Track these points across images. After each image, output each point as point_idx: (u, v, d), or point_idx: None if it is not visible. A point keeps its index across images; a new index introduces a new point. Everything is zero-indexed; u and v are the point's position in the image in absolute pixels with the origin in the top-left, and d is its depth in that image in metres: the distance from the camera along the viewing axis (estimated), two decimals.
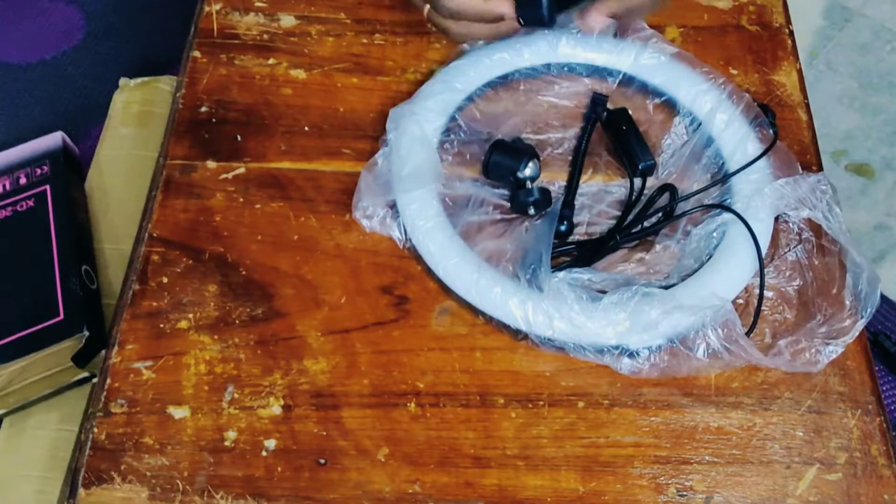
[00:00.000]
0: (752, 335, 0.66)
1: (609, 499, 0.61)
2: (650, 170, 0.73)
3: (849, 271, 0.68)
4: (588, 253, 0.70)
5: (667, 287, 0.67)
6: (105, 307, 0.84)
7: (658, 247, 0.71)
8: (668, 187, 0.71)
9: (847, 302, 0.67)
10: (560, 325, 0.64)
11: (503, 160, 0.71)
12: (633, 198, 0.72)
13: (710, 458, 0.63)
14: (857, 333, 0.65)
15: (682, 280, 0.68)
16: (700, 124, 0.75)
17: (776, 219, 0.71)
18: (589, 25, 0.74)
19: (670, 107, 0.77)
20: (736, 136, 0.74)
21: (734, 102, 0.75)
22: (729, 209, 0.70)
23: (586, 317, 0.64)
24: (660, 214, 0.71)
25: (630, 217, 0.71)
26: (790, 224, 0.71)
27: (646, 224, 0.71)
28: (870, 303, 0.66)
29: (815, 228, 0.71)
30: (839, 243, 0.69)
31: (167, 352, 0.65)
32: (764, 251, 0.69)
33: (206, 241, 0.70)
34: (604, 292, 0.66)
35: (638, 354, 0.64)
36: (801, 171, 0.73)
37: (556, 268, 0.67)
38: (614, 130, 0.75)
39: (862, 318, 0.65)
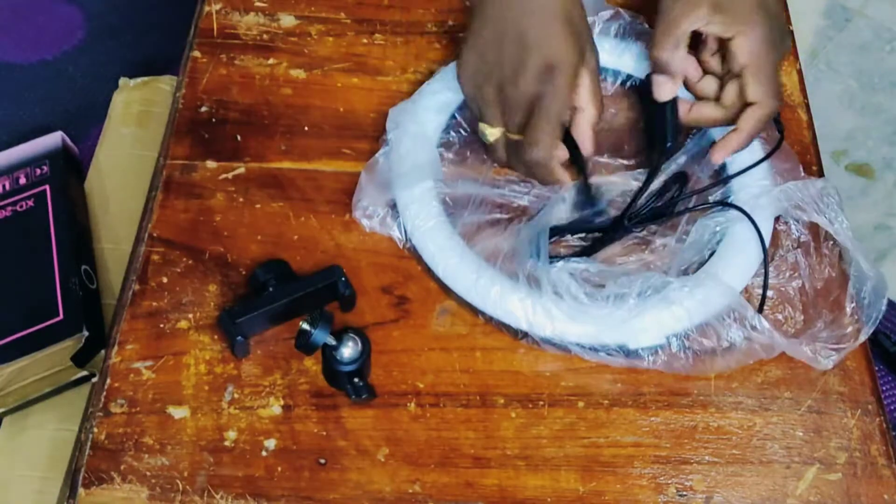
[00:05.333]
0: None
1: (609, 499, 0.61)
2: (673, 151, 0.72)
3: (851, 277, 0.68)
4: (598, 240, 0.70)
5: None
6: (105, 307, 0.84)
7: (658, 243, 0.70)
8: (681, 176, 0.71)
9: (848, 308, 0.67)
10: (561, 326, 0.64)
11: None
12: (645, 182, 0.71)
13: (710, 458, 0.63)
14: (862, 340, 0.65)
15: (682, 275, 0.68)
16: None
17: (776, 219, 0.71)
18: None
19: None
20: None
21: None
22: (736, 207, 0.69)
23: (589, 316, 0.64)
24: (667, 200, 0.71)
25: (641, 202, 0.71)
26: (790, 225, 0.71)
27: (655, 209, 0.71)
28: (875, 310, 0.65)
29: (814, 231, 0.71)
30: (846, 249, 0.68)
31: (167, 352, 0.65)
32: (759, 258, 0.69)
33: (206, 241, 0.70)
34: (602, 286, 0.65)
35: (640, 354, 0.64)
36: (801, 170, 0.72)
37: (559, 258, 0.67)
38: (650, 100, 0.72)
39: (866, 325, 0.65)
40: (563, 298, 0.64)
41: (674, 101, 0.71)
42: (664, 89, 0.70)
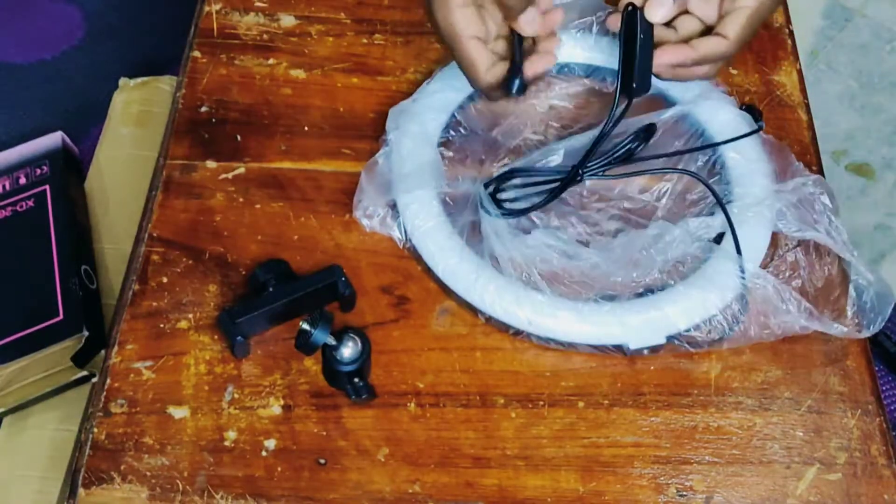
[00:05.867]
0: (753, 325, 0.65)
1: (609, 499, 0.61)
2: (640, 92, 0.68)
3: (852, 282, 0.68)
4: (552, 189, 0.69)
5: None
6: (105, 307, 0.84)
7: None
8: (648, 128, 0.69)
9: (849, 311, 0.67)
10: (560, 325, 0.64)
11: None
12: (603, 129, 0.69)
13: (710, 458, 0.63)
14: (867, 335, 0.66)
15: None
16: (703, 129, 0.75)
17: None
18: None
19: (669, 105, 0.77)
20: (730, 130, 0.73)
21: (732, 102, 0.75)
22: (695, 175, 0.68)
23: (589, 314, 0.64)
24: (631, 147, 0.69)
25: (599, 153, 0.68)
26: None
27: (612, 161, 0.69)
28: (881, 314, 0.65)
29: None
30: (846, 262, 0.68)
31: (167, 352, 0.65)
32: (761, 257, 0.69)
33: (206, 241, 0.70)
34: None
35: (641, 352, 0.65)
36: (795, 161, 0.72)
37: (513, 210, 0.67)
38: (629, 34, 0.68)
39: (868, 327, 0.65)
40: (565, 298, 0.64)
41: (650, 43, 0.68)
42: (661, 9, 0.68)
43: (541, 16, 0.68)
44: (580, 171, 0.69)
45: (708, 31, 0.69)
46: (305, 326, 0.61)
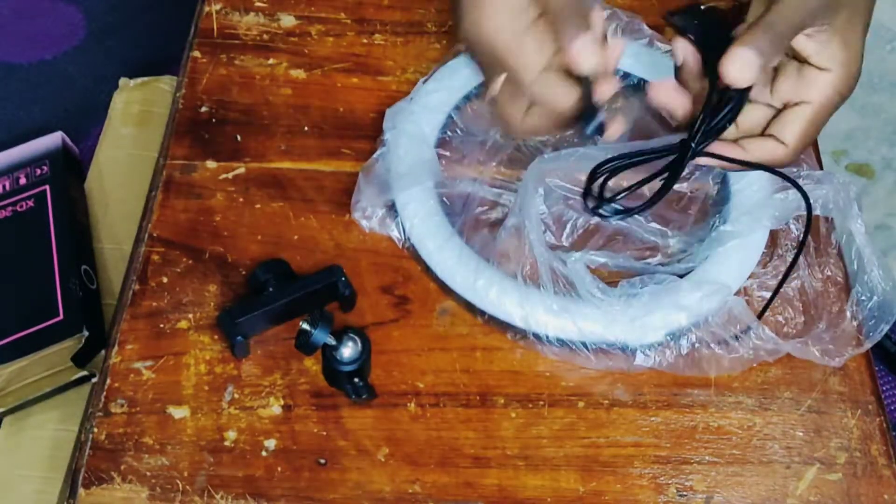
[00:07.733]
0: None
1: (609, 499, 0.61)
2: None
3: (858, 282, 0.67)
4: (665, 178, 0.61)
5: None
6: (105, 307, 0.84)
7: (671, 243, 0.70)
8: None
9: (849, 312, 0.67)
10: (559, 324, 0.64)
11: None
12: (714, 98, 0.59)
13: (710, 458, 0.63)
14: (867, 348, 0.65)
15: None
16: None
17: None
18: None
19: None
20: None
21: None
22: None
23: (588, 315, 0.64)
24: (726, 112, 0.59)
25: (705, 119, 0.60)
26: (789, 225, 0.71)
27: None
28: (883, 322, 0.65)
29: (814, 230, 0.71)
30: (865, 258, 0.67)
31: (167, 352, 0.65)
32: (759, 254, 0.69)
33: (206, 241, 0.70)
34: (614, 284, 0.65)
35: (642, 352, 0.65)
36: (812, 157, 0.72)
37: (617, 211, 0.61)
38: (704, 31, 0.62)
39: (868, 338, 0.65)
40: (575, 295, 0.64)
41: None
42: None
43: (599, 46, 0.57)
44: (692, 145, 0.60)
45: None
46: (305, 326, 0.61)
